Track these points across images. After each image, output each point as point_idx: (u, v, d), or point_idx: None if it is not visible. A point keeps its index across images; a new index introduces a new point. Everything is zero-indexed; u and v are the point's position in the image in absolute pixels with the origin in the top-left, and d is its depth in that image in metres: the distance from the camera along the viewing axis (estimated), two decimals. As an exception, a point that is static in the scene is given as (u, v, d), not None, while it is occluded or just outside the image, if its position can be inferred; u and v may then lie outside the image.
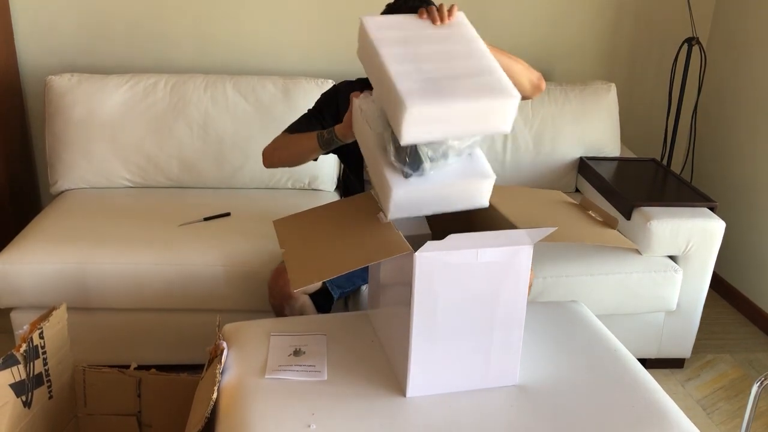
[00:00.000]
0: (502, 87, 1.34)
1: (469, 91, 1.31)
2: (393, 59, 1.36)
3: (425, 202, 1.40)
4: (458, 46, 1.44)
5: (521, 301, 1.40)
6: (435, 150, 1.36)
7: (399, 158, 1.38)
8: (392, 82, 1.30)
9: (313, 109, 2.01)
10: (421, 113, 1.27)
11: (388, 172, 1.39)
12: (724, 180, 3.05)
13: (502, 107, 1.33)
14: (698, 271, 2.34)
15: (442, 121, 1.30)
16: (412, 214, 1.40)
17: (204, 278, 2.18)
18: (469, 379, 1.44)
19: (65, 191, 2.64)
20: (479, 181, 1.42)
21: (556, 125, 2.76)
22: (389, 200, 1.38)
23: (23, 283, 2.13)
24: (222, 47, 2.88)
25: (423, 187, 1.38)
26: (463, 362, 1.42)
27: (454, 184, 1.40)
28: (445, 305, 1.35)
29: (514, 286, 1.38)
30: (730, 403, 2.34)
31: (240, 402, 1.41)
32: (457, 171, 1.41)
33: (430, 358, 1.39)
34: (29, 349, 1.55)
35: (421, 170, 1.37)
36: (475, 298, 1.37)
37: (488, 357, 1.43)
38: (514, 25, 3.00)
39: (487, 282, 1.36)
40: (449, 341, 1.39)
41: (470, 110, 1.31)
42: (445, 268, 1.32)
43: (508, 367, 1.46)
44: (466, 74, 1.35)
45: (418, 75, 1.33)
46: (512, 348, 1.44)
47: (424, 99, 1.27)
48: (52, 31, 2.80)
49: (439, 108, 1.28)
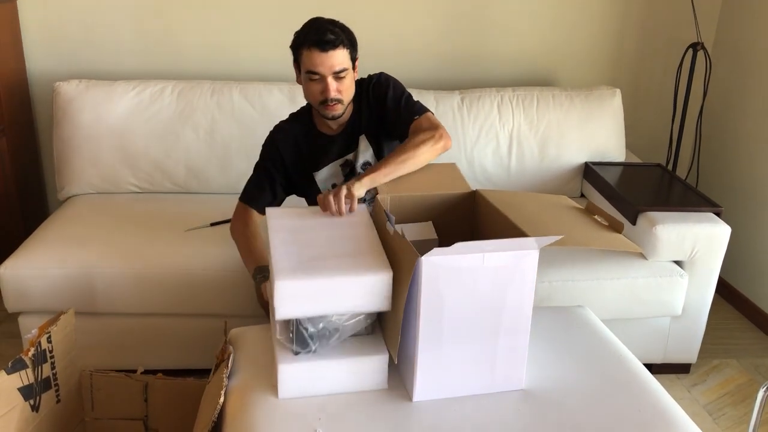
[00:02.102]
0: (374, 264, 1.39)
1: (339, 268, 1.38)
2: (279, 243, 1.46)
3: (319, 379, 1.42)
4: (345, 230, 1.53)
5: (527, 306, 1.41)
6: (315, 324, 1.39)
7: (284, 335, 1.43)
8: (272, 263, 1.40)
9: (259, 166, 2.02)
10: (289, 287, 1.34)
11: (277, 348, 1.44)
12: (729, 185, 3.04)
13: (374, 283, 1.37)
14: (704, 276, 2.34)
15: (315, 297, 1.36)
16: (307, 393, 1.42)
17: (211, 283, 2.18)
18: (476, 383, 1.44)
19: (73, 197, 2.66)
20: (371, 359, 1.43)
21: (562, 130, 2.76)
22: (276, 378, 1.42)
23: (31, 288, 2.15)
24: (228, 54, 2.89)
25: (314, 364, 1.41)
26: (469, 367, 1.42)
27: (346, 361, 1.42)
28: (451, 309, 1.35)
29: (520, 290, 1.39)
30: (737, 408, 2.34)
31: (247, 407, 1.41)
32: (351, 348, 1.45)
33: (437, 362, 1.39)
34: (37, 354, 1.56)
35: (308, 348, 1.41)
36: (482, 303, 1.37)
37: (494, 361, 1.43)
38: (520, 31, 3.01)
39: (493, 286, 1.37)
40: (456, 345, 1.39)
41: (339, 286, 1.36)
42: (451, 272, 1.32)
43: (514, 372, 1.46)
44: (343, 255, 1.43)
45: (297, 257, 1.41)
46: (518, 352, 1.44)
47: (294, 275, 1.35)
48: (59, 38, 2.82)
49: (307, 283, 1.35)
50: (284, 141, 1.99)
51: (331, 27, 1.82)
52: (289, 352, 1.42)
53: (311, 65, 1.80)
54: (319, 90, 1.84)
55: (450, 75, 3.01)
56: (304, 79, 1.86)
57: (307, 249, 1.45)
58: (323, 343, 1.42)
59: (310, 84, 1.85)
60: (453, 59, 3.01)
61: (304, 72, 1.84)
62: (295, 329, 1.39)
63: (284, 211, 1.63)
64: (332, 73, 1.81)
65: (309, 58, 1.80)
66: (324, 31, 1.80)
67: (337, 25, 1.85)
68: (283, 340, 1.43)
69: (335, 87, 1.83)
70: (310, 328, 1.40)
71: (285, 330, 1.42)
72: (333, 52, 1.79)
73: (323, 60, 1.79)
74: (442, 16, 2.95)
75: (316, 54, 1.79)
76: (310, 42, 1.79)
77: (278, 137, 2.00)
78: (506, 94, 2.78)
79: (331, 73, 1.81)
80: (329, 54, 1.79)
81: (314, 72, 1.81)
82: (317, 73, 1.81)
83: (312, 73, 1.82)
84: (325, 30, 1.80)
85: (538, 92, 2.80)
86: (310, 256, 1.42)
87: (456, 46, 2.99)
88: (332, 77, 1.82)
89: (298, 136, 2.00)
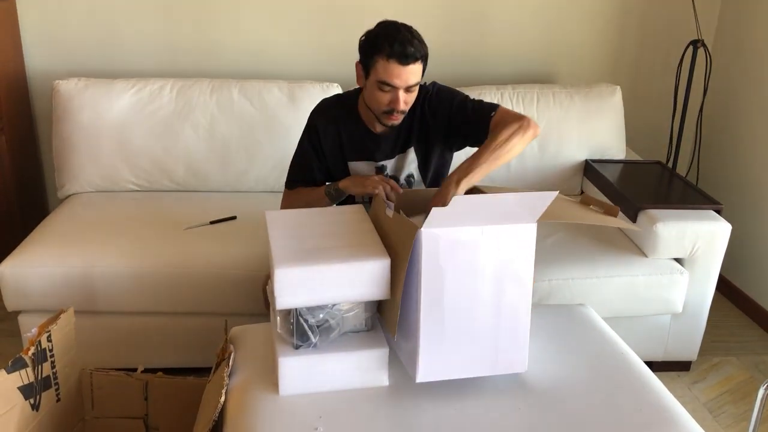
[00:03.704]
0: (372, 252, 1.41)
1: (338, 256, 1.39)
2: (279, 238, 1.48)
3: (320, 374, 1.43)
4: (347, 227, 1.54)
5: (527, 281, 1.41)
6: (315, 315, 1.40)
7: (285, 329, 1.43)
8: (272, 256, 1.41)
9: (300, 153, 1.98)
10: (289, 275, 1.35)
11: (278, 343, 1.45)
12: (729, 182, 3.04)
13: (373, 270, 1.38)
14: (704, 274, 2.34)
15: (315, 285, 1.37)
16: (307, 390, 1.43)
17: (210, 281, 2.18)
18: (478, 364, 1.44)
19: (72, 195, 2.65)
20: (372, 352, 1.44)
21: (562, 128, 2.76)
22: (277, 372, 1.42)
23: (31, 287, 2.14)
24: (228, 51, 2.89)
25: (315, 358, 1.42)
26: (471, 346, 1.42)
27: (347, 355, 1.43)
28: (451, 283, 1.36)
29: (519, 263, 1.39)
30: (737, 406, 2.34)
31: (247, 405, 1.41)
32: (351, 343, 1.45)
33: (439, 340, 1.39)
34: (37, 352, 1.56)
35: (308, 341, 1.41)
36: (482, 277, 1.38)
37: (496, 341, 1.43)
38: (520, 28, 3.00)
39: (492, 259, 1.37)
40: (457, 322, 1.39)
41: (338, 273, 1.37)
42: (451, 245, 1.33)
43: (516, 354, 1.46)
44: (341, 245, 1.44)
45: (297, 248, 1.43)
46: (520, 333, 1.44)
47: (293, 263, 1.37)
48: (59, 36, 2.81)
49: (307, 270, 1.36)
50: (325, 127, 1.93)
51: (410, 38, 1.74)
52: (289, 347, 1.42)
53: (387, 77, 1.74)
54: (387, 100, 1.78)
55: (450, 72, 3.00)
56: (373, 86, 1.78)
57: (306, 241, 1.46)
58: (323, 339, 1.42)
59: (378, 93, 1.78)
60: (453, 56, 3.00)
61: (376, 80, 1.76)
62: (295, 321, 1.39)
63: (283, 212, 1.64)
64: (405, 87, 1.76)
65: (386, 69, 1.73)
66: (406, 43, 1.71)
67: (415, 35, 1.76)
68: (283, 333, 1.43)
69: (404, 99, 1.78)
70: (310, 319, 1.40)
71: (285, 322, 1.42)
72: (411, 67, 1.73)
73: (400, 73, 1.73)
74: (442, 13, 2.94)
75: (394, 66, 1.72)
76: (392, 54, 1.71)
77: (319, 123, 1.94)
78: (506, 92, 2.78)
79: (405, 86, 1.76)
80: (407, 68, 1.73)
81: (389, 84, 1.75)
82: (391, 85, 1.75)
83: (385, 84, 1.75)
84: (407, 42, 1.72)
85: (539, 90, 2.80)
86: (310, 247, 1.43)
87: (456, 43, 2.99)
88: (404, 90, 1.76)
89: (339, 122, 1.94)
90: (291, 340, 1.42)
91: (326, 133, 1.93)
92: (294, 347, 1.42)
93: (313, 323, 1.41)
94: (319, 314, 1.40)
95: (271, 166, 2.65)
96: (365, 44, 1.79)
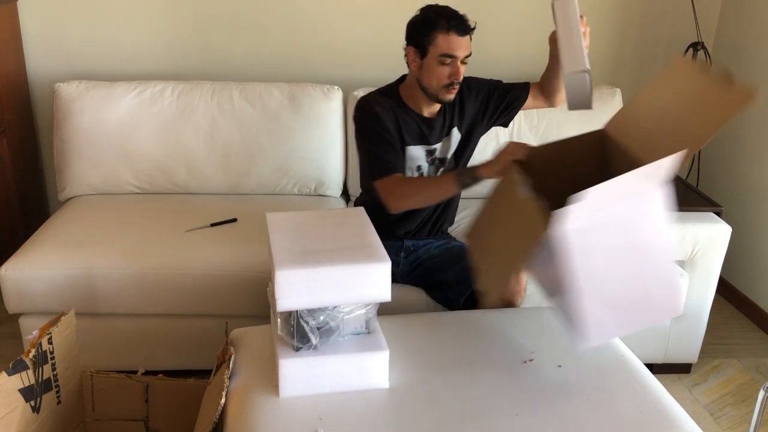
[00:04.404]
0: (373, 254, 1.42)
1: (339, 259, 1.41)
2: (279, 239, 1.50)
3: (320, 376, 1.44)
4: (348, 229, 1.55)
5: (666, 238, 1.49)
6: (315, 317, 1.41)
7: (285, 331, 1.43)
8: (272, 257, 1.43)
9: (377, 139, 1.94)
10: (289, 277, 1.36)
11: (278, 345, 1.45)
12: (730, 184, 3.04)
13: (373, 272, 1.40)
14: (705, 276, 2.34)
15: (316, 287, 1.38)
16: (308, 392, 1.44)
17: (211, 284, 2.18)
18: (641, 316, 1.50)
19: (73, 198, 2.66)
20: (372, 355, 1.45)
21: (562, 130, 2.75)
22: (278, 374, 1.43)
23: (32, 289, 2.15)
24: (228, 54, 2.89)
25: (315, 360, 1.42)
26: (632, 306, 1.46)
27: (347, 357, 1.44)
28: (600, 263, 1.39)
29: (655, 227, 1.48)
30: (738, 408, 2.33)
31: (248, 407, 1.41)
32: (351, 345, 1.46)
33: (602, 307, 1.42)
34: (38, 355, 1.56)
35: (309, 343, 1.42)
36: (625, 248, 1.42)
37: (651, 292, 1.47)
38: (519, 29, 3.00)
39: (629, 231, 1.42)
40: (614, 289, 1.43)
41: (339, 275, 1.39)
42: (588, 234, 1.36)
43: (672, 302, 1.52)
44: (342, 248, 1.45)
45: (298, 250, 1.44)
46: (671, 281, 1.50)
47: (294, 265, 1.38)
48: (60, 39, 2.81)
49: (308, 272, 1.37)
50: (385, 112, 1.96)
51: (459, 13, 1.86)
52: (290, 349, 1.43)
53: (449, 48, 1.83)
54: (447, 73, 1.87)
55: (450, 75, 3.01)
56: (434, 62, 1.86)
57: (307, 243, 1.47)
58: (324, 341, 1.42)
59: (440, 67, 1.86)
60: (453, 59, 3.00)
61: (438, 55, 1.84)
62: (295, 323, 1.40)
63: (284, 213, 1.64)
64: (464, 57, 1.86)
65: (447, 42, 1.83)
66: (460, 16, 1.84)
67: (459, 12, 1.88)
68: (284, 335, 1.43)
69: (462, 71, 1.88)
70: (310, 321, 1.40)
71: (286, 324, 1.42)
72: (467, 37, 1.85)
73: (460, 44, 1.83)
74: (442, 16, 2.94)
75: (454, 38, 1.82)
76: (451, 26, 1.82)
77: (377, 109, 1.96)
78: (506, 94, 2.78)
79: (464, 56, 1.86)
80: (465, 38, 1.84)
81: (451, 55, 1.84)
82: (454, 56, 1.84)
83: (448, 56, 1.84)
84: (460, 16, 1.84)
85: (539, 92, 2.79)
86: (310, 249, 1.44)
87: (456, 46, 2.99)
88: (460, 61, 1.86)
89: (395, 109, 1.98)
90: (291, 342, 1.42)
91: (387, 118, 1.96)
92: (294, 349, 1.42)
93: (313, 325, 1.41)
94: (319, 316, 1.41)
95: (272, 168, 2.65)
96: (419, 26, 1.88)
